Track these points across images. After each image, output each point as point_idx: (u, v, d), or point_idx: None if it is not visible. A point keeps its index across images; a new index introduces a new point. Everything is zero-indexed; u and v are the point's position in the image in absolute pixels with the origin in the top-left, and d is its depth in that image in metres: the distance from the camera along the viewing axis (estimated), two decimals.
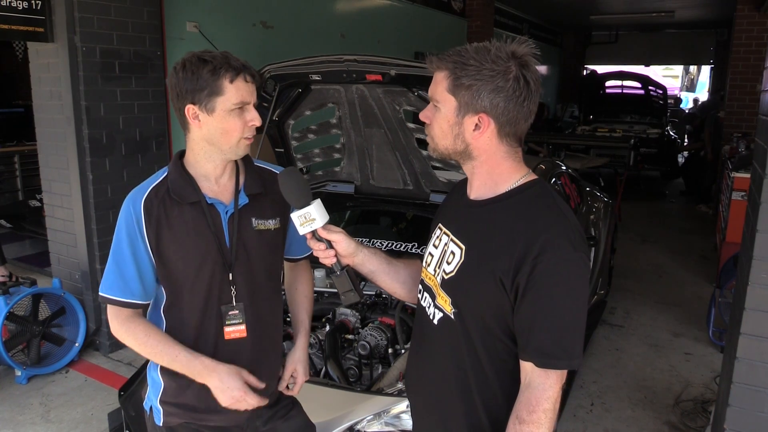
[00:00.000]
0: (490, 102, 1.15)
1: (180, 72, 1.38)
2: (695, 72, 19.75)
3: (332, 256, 1.35)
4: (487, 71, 1.14)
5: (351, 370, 2.53)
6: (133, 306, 1.48)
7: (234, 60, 1.39)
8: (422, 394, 1.39)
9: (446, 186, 2.97)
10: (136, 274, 1.45)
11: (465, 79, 1.15)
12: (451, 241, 1.28)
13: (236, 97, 1.38)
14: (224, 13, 4.78)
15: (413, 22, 7.61)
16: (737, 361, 1.97)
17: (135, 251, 1.45)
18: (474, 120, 1.18)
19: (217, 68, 1.36)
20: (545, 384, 1.14)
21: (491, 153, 1.22)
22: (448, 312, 1.25)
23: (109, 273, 1.47)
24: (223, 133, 1.41)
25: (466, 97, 1.16)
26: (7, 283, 3.63)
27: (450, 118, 1.19)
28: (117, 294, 1.46)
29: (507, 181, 1.23)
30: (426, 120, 1.26)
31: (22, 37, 3.62)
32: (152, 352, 1.47)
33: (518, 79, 1.14)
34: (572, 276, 1.14)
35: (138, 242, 1.44)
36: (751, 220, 2.07)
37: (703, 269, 5.86)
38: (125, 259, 1.44)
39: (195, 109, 1.39)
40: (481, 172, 1.24)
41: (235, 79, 1.37)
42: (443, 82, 1.19)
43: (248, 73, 1.40)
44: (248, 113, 1.42)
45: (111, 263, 1.47)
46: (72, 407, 3.33)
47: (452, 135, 1.21)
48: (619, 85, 11.67)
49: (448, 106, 1.19)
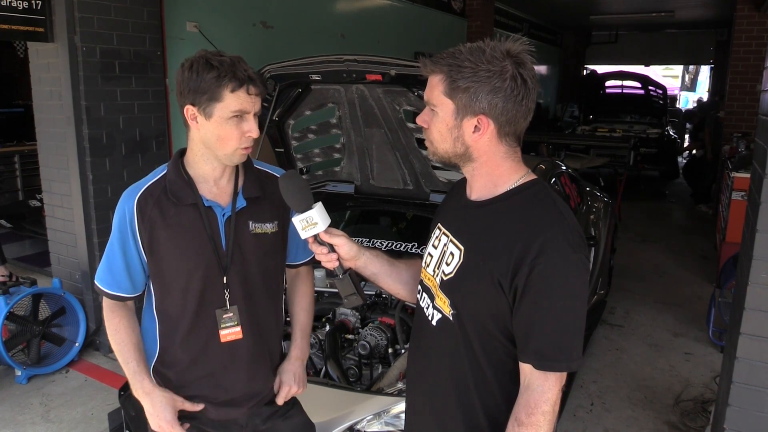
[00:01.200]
0: (488, 103, 1.14)
1: (186, 71, 1.38)
2: (694, 72, 19.75)
3: (334, 260, 1.34)
4: (483, 72, 1.13)
5: (351, 370, 2.53)
6: (117, 298, 1.52)
7: (241, 71, 1.37)
8: (420, 393, 1.39)
9: (446, 186, 2.97)
10: (124, 269, 1.48)
11: (461, 81, 1.14)
12: (450, 241, 1.28)
13: (235, 106, 1.37)
14: (224, 13, 4.78)
15: (413, 22, 7.61)
16: (737, 361, 1.97)
17: (125, 247, 1.47)
18: (473, 122, 1.17)
19: (222, 76, 1.35)
20: (544, 386, 1.13)
21: (491, 154, 1.21)
22: (446, 313, 1.25)
23: (101, 265, 1.52)
24: (218, 140, 1.41)
25: (464, 99, 1.15)
26: (7, 283, 3.63)
27: (448, 121, 1.19)
28: (104, 285, 1.51)
29: (507, 182, 1.23)
30: (424, 124, 1.25)
31: (22, 37, 3.62)
32: (115, 347, 1.53)
33: (515, 77, 1.13)
34: (571, 277, 1.13)
35: (128, 239, 1.46)
36: (751, 220, 2.07)
37: (703, 269, 5.86)
38: (114, 253, 1.48)
39: (194, 110, 1.39)
40: (481, 173, 1.24)
41: (237, 89, 1.36)
42: (439, 85, 1.17)
43: (252, 85, 1.38)
44: (246, 123, 1.41)
45: (104, 256, 1.51)
46: (72, 407, 3.33)
47: (451, 138, 1.20)
48: (619, 85, 11.68)
49: (445, 109, 1.18)
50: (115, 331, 1.53)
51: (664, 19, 11.89)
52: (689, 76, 19.80)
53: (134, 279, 1.50)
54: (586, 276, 1.16)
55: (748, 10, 7.33)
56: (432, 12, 7.97)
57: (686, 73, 20.04)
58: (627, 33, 14.95)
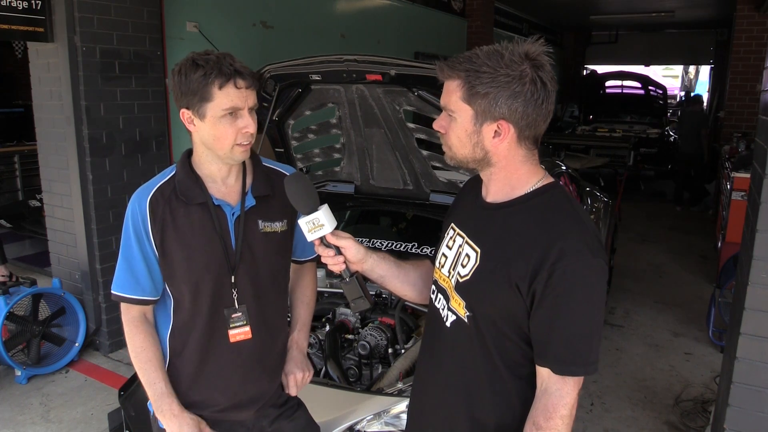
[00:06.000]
0: (508, 108, 1.13)
1: (176, 75, 1.37)
2: (694, 72, 19.75)
3: (341, 263, 1.32)
4: (502, 77, 1.10)
5: (351, 370, 2.53)
6: (143, 303, 1.49)
7: (227, 65, 1.35)
8: (429, 394, 1.37)
9: (446, 186, 2.97)
10: (146, 271, 1.46)
11: (480, 87, 1.12)
12: (466, 243, 1.26)
13: (225, 104, 1.35)
14: (224, 13, 4.78)
15: (413, 22, 7.61)
16: (737, 361, 1.97)
17: (143, 248, 1.45)
18: (493, 127, 1.15)
19: (207, 74, 1.33)
20: (562, 390, 1.12)
21: (510, 158, 1.19)
22: (461, 315, 1.24)
23: (120, 271, 1.48)
24: (215, 140, 1.40)
25: (483, 105, 1.13)
26: (7, 283, 3.63)
27: (467, 127, 1.17)
28: (128, 291, 1.47)
29: (524, 185, 1.21)
30: (441, 130, 1.23)
31: (22, 37, 3.62)
32: (139, 366, 1.50)
33: (535, 81, 1.11)
34: (590, 283, 1.12)
35: (144, 240, 1.45)
36: (751, 220, 2.07)
37: (703, 269, 5.86)
38: (134, 256, 1.45)
39: (189, 113, 1.39)
40: (498, 177, 1.22)
41: (224, 85, 1.34)
42: (457, 91, 1.15)
43: (240, 78, 1.36)
44: (241, 120, 1.39)
45: (121, 261, 1.47)
46: (72, 407, 3.33)
47: (471, 144, 1.18)
48: (619, 85, 11.69)
49: (464, 115, 1.16)
50: (141, 349, 1.49)
51: (664, 19, 11.90)
52: (689, 76, 19.79)
53: (155, 280, 1.48)
54: (604, 280, 1.15)
55: (748, 10, 7.34)
56: (432, 12, 7.97)
57: (686, 74, 20.03)
58: (627, 33, 14.96)
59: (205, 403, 1.55)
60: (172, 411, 1.48)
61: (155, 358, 1.50)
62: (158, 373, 1.49)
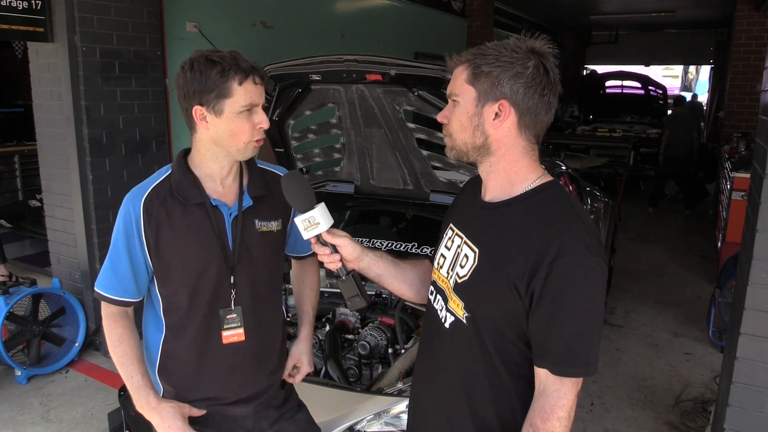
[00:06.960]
0: (510, 88, 1.14)
1: (188, 72, 1.36)
2: (694, 72, 19.75)
3: (337, 261, 1.33)
4: (506, 58, 1.14)
5: (351, 370, 2.53)
6: (123, 304, 1.49)
7: (243, 61, 1.36)
8: (429, 395, 1.37)
9: (446, 186, 2.97)
10: (131, 273, 1.46)
11: (485, 66, 1.15)
12: (464, 243, 1.26)
13: (245, 100, 1.36)
14: (224, 13, 4.78)
15: (413, 22, 7.61)
16: (737, 361, 1.97)
17: (131, 250, 1.44)
18: (494, 108, 1.16)
19: (226, 70, 1.34)
20: (560, 391, 1.12)
21: (510, 147, 1.20)
22: (460, 316, 1.23)
23: (104, 270, 1.48)
24: (231, 136, 1.40)
25: (486, 84, 1.16)
26: (7, 283, 3.63)
27: (469, 109, 1.18)
28: (109, 291, 1.47)
29: (523, 182, 1.21)
30: (444, 120, 1.24)
31: (22, 37, 3.62)
32: (116, 359, 1.49)
33: (538, 67, 1.14)
34: (589, 282, 1.11)
35: (134, 242, 1.44)
36: (751, 220, 2.07)
37: (703, 269, 5.86)
38: (120, 257, 1.45)
39: (203, 110, 1.38)
40: (497, 169, 1.22)
41: (244, 81, 1.35)
42: (463, 74, 1.19)
43: (257, 75, 1.38)
44: (257, 115, 1.40)
45: (107, 261, 1.48)
46: (72, 407, 3.33)
47: (471, 127, 1.19)
48: (619, 85, 11.69)
49: (467, 97, 1.18)
50: (119, 342, 1.48)
51: (664, 19, 11.89)
52: (689, 77, 19.79)
53: (139, 282, 1.48)
54: (603, 280, 1.14)
55: (748, 10, 7.34)
56: (432, 12, 7.97)
57: (686, 74, 20.04)
58: (627, 33, 14.95)
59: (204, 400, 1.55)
60: (149, 404, 1.47)
61: (132, 351, 1.49)
62: (135, 367, 1.48)
